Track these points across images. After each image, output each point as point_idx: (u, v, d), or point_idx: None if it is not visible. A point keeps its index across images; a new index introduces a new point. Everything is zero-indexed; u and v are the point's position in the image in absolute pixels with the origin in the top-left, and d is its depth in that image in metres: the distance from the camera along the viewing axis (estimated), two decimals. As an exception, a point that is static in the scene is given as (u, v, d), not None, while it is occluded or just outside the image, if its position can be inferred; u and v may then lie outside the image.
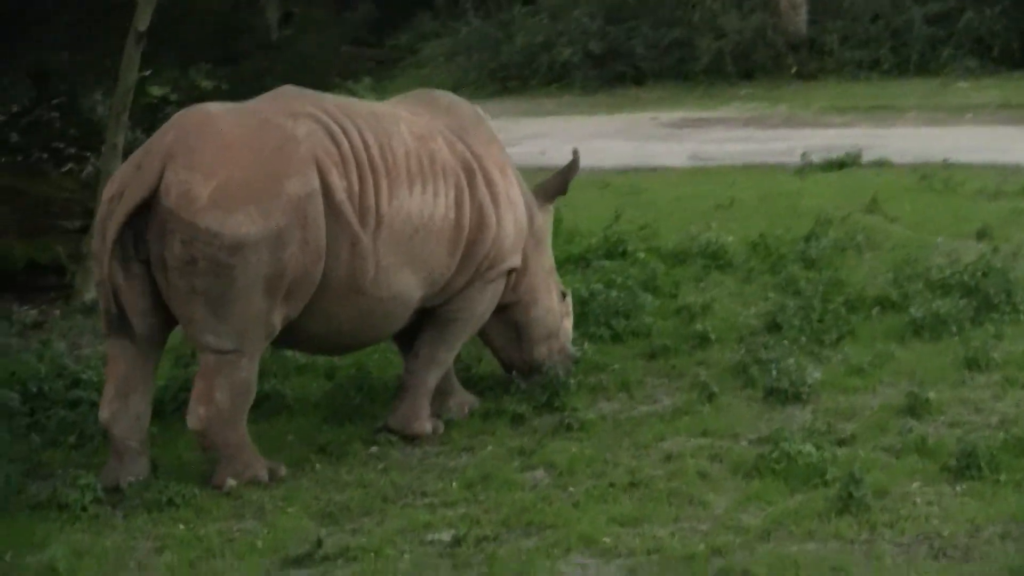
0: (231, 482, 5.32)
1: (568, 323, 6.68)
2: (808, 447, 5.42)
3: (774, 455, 5.41)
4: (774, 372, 6.49)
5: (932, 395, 6.24)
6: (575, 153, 6.57)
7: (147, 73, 9.85)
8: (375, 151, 5.43)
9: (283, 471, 5.49)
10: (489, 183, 5.88)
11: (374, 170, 5.40)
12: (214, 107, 5.67)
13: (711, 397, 6.47)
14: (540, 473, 5.63)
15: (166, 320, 5.36)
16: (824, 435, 5.80)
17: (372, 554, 4.60)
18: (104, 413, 5.31)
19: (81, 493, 5.12)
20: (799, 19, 18.04)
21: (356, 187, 5.32)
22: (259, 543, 4.77)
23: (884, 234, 9.69)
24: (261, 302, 5.18)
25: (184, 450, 5.83)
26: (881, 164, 12.03)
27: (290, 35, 12.16)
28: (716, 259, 9.08)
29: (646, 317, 7.73)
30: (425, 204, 5.52)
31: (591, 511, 5.11)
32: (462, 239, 5.73)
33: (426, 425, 5.92)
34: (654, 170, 12.85)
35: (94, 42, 10.02)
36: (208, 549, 4.75)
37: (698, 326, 7.57)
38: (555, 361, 6.47)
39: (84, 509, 5.10)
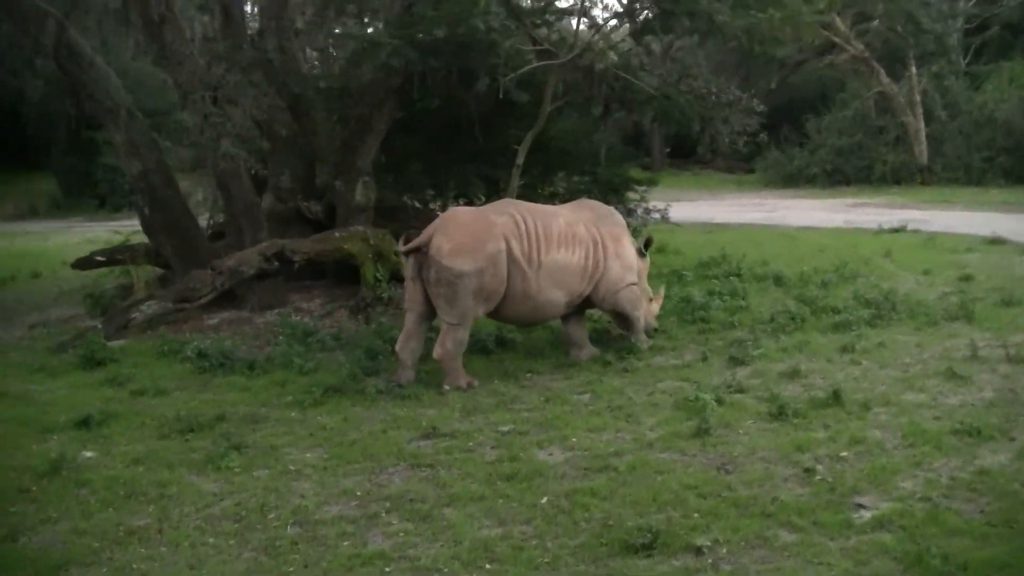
0: (447, 387, 9.47)
1: (652, 313, 10.99)
2: (708, 395, 8.44)
3: (693, 397, 8.44)
4: (741, 347, 10.18)
5: (804, 366, 9.42)
6: (649, 240, 11.09)
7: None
8: (540, 230, 9.91)
9: (475, 383, 9.55)
10: (604, 248, 10.30)
11: (538, 239, 9.87)
12: (460, 209, 10.35)
13: (704, 358, 10.08)
14: (587, 396, 9.05)
15: (430, 307, 9.80)
16: (729, 388, 8.88)
17: (465, 435, 8.17)
18: (398, 346, 9.83)
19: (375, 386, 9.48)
20: (922, 151, 29.29)
21: (526, 248, 9.82)
22: (422, 422, 8.55)
23: (875, 270, 14.20)
24: (471, 302, 9.65)
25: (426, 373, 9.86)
26: (916, 231, 18.16)
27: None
28: (776, 280, 13.61)
29: (711, 312, 11.92)
30: (567, 257, 10.01)
31: (587, 420, 8.24)
32: (587, 275, 10.19)
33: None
34: (816, 228, 19.93)
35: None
36: (402, 421, 8.54)
37: (733, 318, 11.65)
38: (641, 330, 10.78)
39: (380, 391, 9.36)
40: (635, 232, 15.09)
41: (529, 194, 15.53)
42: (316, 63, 16.88)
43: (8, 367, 10.98)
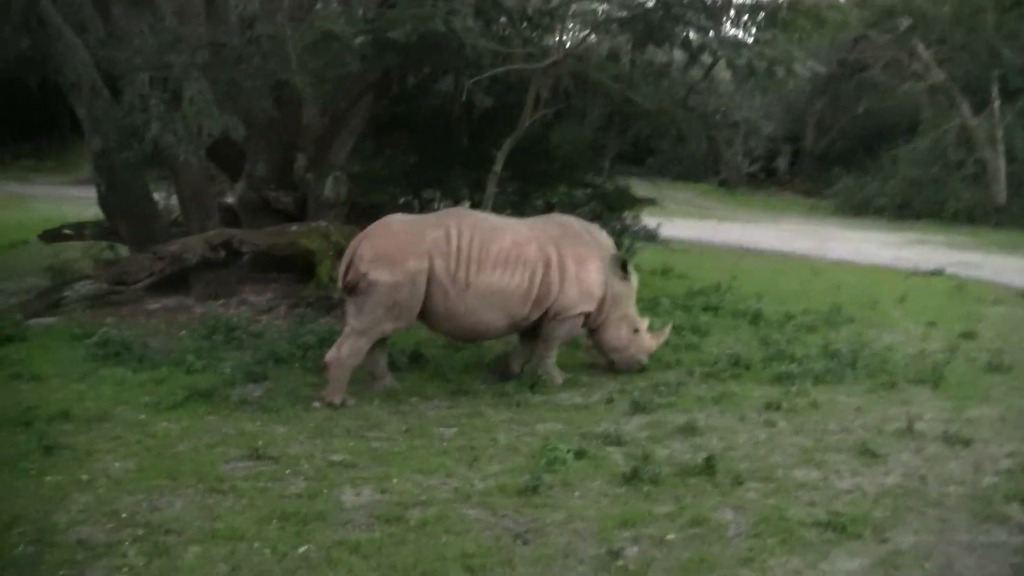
0: (316, 403, 8.74)
1: (639, 345, 10.06)
2: (572, 445, 7.54)
3: (551, 447, 7.53)
4: (655, 391, 9.29)
5: (708, 422, 8.44)
6: (624, 262, 10.07)
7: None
8: (475, 249, 9.11)
9: (349, 403, 8.77)
10: (563, 270, 9.42)
11: (468, 259, 9.07)
12: (398, 216, 9.68)
13: (610, 400, 9.12)
14: (452, 431, 8.01)
15: None
16: (605, 439, 7.87)
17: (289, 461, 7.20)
18: (365, 361, 9.20)
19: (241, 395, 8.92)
20: (1000, 191, 27.13)
21: (453, 267, 9.04)
22: (259, 441, 7.54)
23: (875, 317, 13.06)
24: (380, 313, 8.95)
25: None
26: (952, 276, 16.55)
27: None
28: (754, 318, 12.57)
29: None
30: (503, 279, 9.16)
31: (427, 460, 7.29)
32: (531, 299, 9.34)
33: (557, 379, 9.69)
34: (851, 264, 18.62)
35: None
36: (239, 438, 7.82)
37: (676, 356, 10.72)
38: (625, 364, 10.07)
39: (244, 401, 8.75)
40: (629, 250, 14.19)
41: (521, 205, 14.70)
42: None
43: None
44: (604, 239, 10.23)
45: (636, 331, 10.17)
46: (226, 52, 12.27)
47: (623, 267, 10.14)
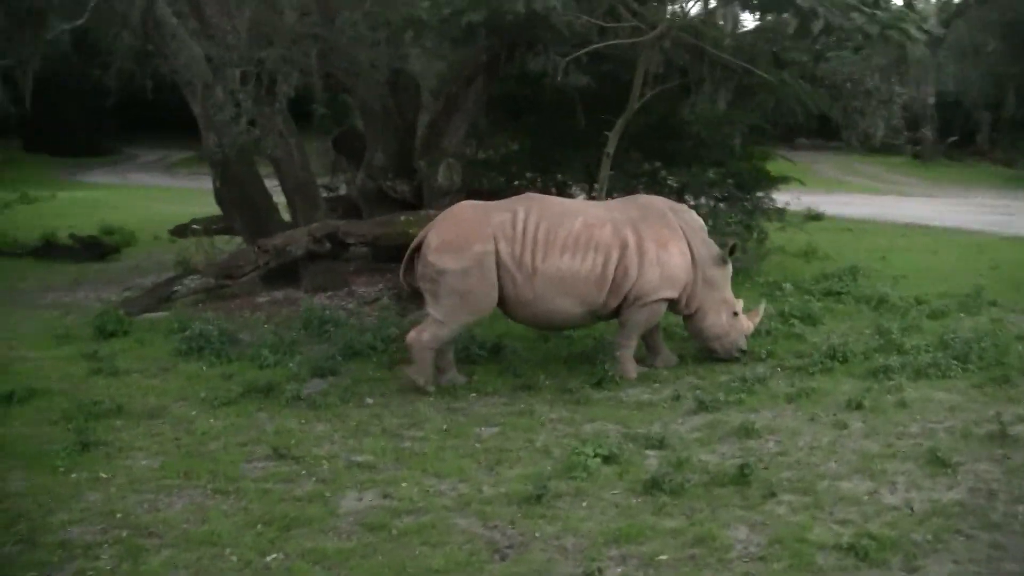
0: (409, 374, 8.84)
1: (739, 329, 9.46)
2: (603, 450, 6.94)
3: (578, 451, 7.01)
4: (728, 389, 8.56)
5: (773, 423, 7.68)
6: (733, 248, 9.49)
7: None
8: (542, 233, 8.77)
9: (431, 389, 8.69)
10: (642, 253, 8.90)
11: (535, 243, 8.74)
12: (468, 203, 9.43)
13: (676, 398, 8.47)
14: (493, 431, 7.73)
15: None
16: (647, 442, 7.28)
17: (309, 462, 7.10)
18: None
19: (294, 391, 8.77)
20: None
21: (518, 251, 8.74)
22: (290, 441, 7.49)
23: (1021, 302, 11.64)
24: (456, 302, 8.72)
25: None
26: None
27: None
28: (878, 304, 11.52)
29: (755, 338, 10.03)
30: (573, 264, 8.75)
31: (449, 463, 6.99)
32: (606, 283, 8.88)
33: (631, 372, 9.12)
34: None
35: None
36: (273, 436, 7.69)
37: (772, 347, 9.92)
38: (725, 350, 9.48)
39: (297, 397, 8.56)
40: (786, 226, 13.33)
41: (648, 187, 14.01)
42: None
43: (38, 332, 11.30)
44: (693, 220, 9.52)
45: (735, 315, 9.45)
46: (336, 41, 12.30)
47: (730, 252, 9.43)
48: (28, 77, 15.10)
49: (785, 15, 11.22)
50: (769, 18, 12.34)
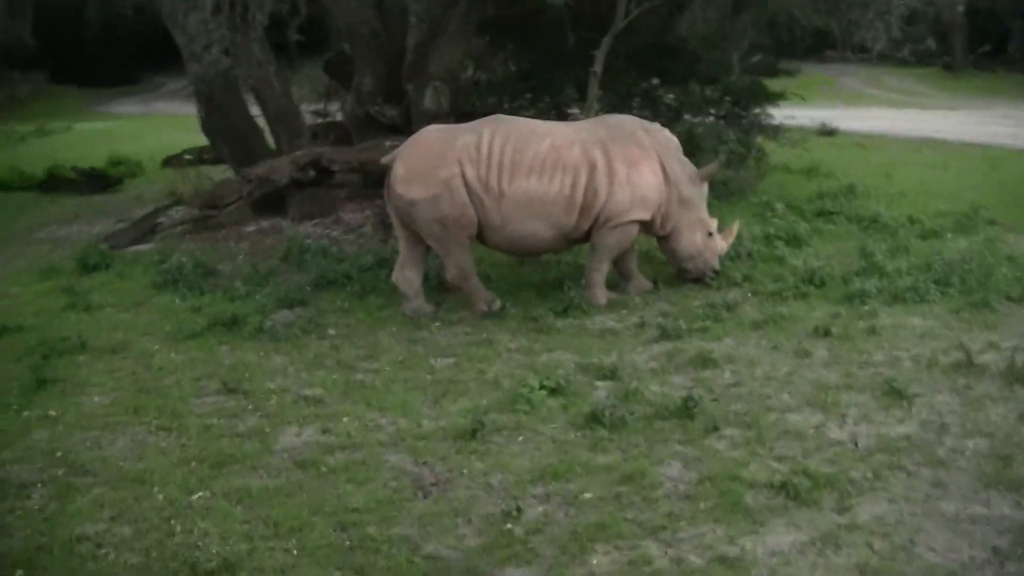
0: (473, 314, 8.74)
1: (712, 249, 9.18)
2: (549, 382, 6.99)
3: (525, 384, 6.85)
4: (694, 316, 8.35)
5: (733, 352, 7.48)
6: (719, 163, 9.28)
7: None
8: (508, 155, 8.55)
9: (496, 305, 8.74)
10: (611, 173, 8.61)
11: (500, 166, 8.52)
12: (432, 127, 9.26)
13: (641, 325, 8.06)
14: (448, 362, 7.56)
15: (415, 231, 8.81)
16: (597, 372, 7.16)
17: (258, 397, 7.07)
18: (394, 276, 8.97)
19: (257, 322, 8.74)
20: None
21: (483, 174, 8.55)
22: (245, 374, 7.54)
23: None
24: (438, 228, 8.63)
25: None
26: None
27: None
28: (869, 224, 11.08)
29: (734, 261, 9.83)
30: (540, 185, 8.52)
31: (395, 395, 6.87)
32: (576, 205, 8.65)
33: (600, 299, 8.88)
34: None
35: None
36: (227, 369, 7.65)
37: (750, 271, 9.60)
38: (699, 271, 9.24)
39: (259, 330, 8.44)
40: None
41: (643, 106, 13.62)
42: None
43: (24, 268, 11.30)
44: (666, 139, 9.18)
45: (709, 235, 9.19)
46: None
47: (707, 177, 9.15)
48: (28, 7, 14.95)
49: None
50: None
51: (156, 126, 26.89)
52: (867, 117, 21.20)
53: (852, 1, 11.40)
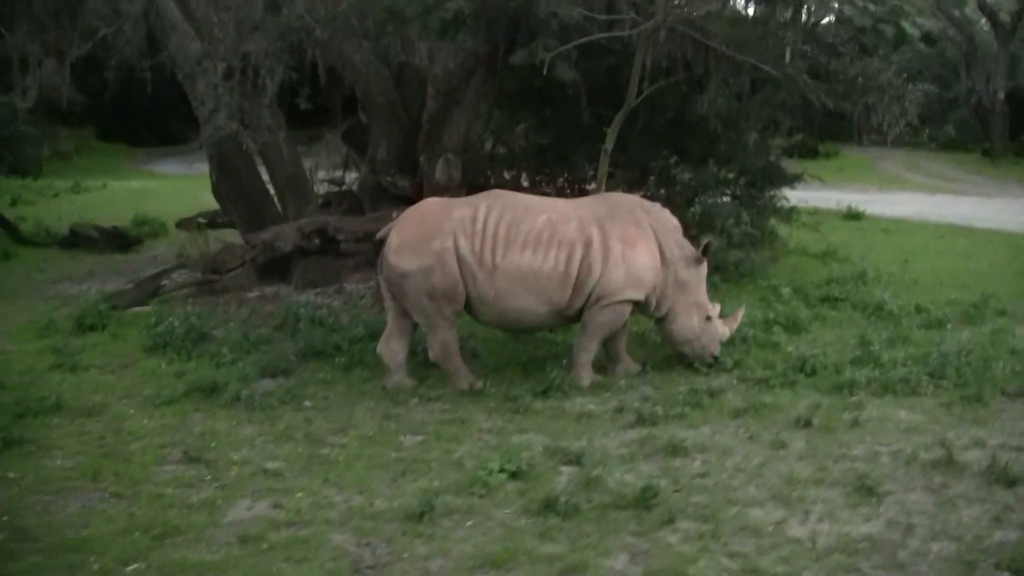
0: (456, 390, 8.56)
1: (711, 334, 9.00)
2: (511, 465, 6.84)
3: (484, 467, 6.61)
4: (677, 403, 8.06)
5: (706, 441, 7.24)
6: (707, 247, 8.99)
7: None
8: (504, 229, 8.50)
9: (477, 385, 8.57)
10: (607, 251, 8.54)
11: (495, 239, 8.47)
12: (430, 200, 9.26)
13: (620, 410, 8.03)
14: (417, 439, 7.44)
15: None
16: (564, 457, 6.83)
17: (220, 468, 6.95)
18: (379, 347, 8.86)
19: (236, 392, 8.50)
20: None
21: (478, 247, 8.50)
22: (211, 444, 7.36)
23: None
24: (426, 302, 8.55)
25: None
26: None
27: None
28: (874, 312, 10.88)
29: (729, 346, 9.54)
30: (534, 260, 8.45)
31: (356, 472, 6.73)
32: (570, 281, 8.55)
33: (584, 380, 8.71)
34: None
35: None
36: (194, 439, 7.54)
37: (744, 358, 9.34)
38: (696, 356, 9.05)
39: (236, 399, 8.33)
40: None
41: (661, 186, 13.53)
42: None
43: (25, 325, 11.32)
44: (665, 219, 9.07)
45: (708, 319, 8.99)
46: (338, 28, 12.08)
47: (703, 251, 8.99)
48: (66, 66, 15.27)
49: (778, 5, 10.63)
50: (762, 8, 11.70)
51: (191, 187, 27.18)
52: (898, 201, 20.96)
53: (868, 85, 11.28)
